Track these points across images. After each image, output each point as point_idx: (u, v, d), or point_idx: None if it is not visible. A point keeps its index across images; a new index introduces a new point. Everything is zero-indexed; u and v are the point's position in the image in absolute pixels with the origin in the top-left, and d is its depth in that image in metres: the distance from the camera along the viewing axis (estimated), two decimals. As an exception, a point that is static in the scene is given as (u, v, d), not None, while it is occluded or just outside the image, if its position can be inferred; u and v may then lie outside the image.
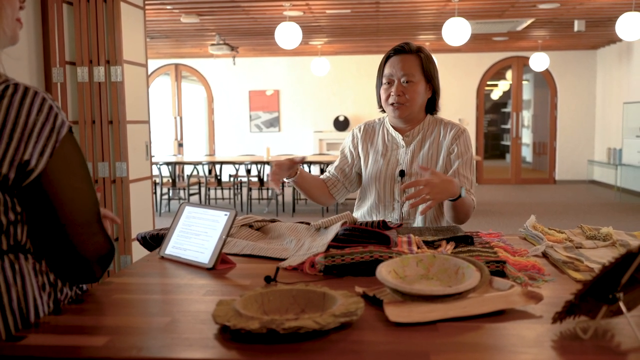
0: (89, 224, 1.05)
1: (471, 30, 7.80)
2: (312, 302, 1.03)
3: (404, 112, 1.95)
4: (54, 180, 1.00)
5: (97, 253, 1.07)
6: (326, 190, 2.10)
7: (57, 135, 1.01)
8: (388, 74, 1.95)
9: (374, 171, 2.02)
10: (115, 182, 4.27)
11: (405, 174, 1.98)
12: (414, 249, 1.35)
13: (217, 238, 1.35)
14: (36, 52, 4.13)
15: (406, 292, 1.00)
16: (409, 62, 1.93)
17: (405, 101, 1.93)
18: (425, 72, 1.94)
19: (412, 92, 1.93)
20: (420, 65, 1.94)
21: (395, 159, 2.01)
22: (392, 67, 1.94)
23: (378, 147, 2.05)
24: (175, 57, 11.78)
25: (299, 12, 7.16)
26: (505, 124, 16.30)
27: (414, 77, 1.92)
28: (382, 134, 2.07)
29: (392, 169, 2.00)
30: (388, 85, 1.95)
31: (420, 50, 1.96)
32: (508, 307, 1.01)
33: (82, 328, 0.96)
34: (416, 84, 1.93)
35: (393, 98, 1.93)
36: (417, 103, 1.95)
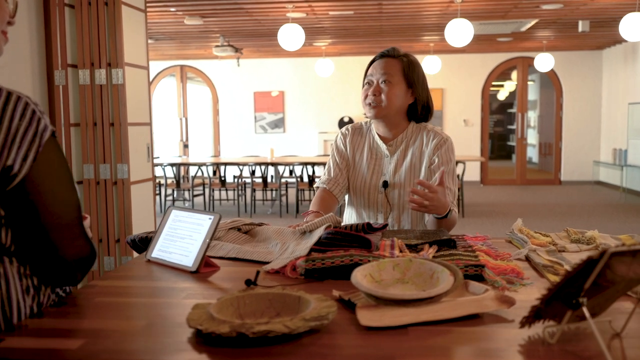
0: (70, 227, 1.07)
1: (475, 31, 7.81)
2: (288, 306, 1.04)
3: (379, 112, 1.95)
4: (37, 184, 1.02)
5: (78, 256, 1.09)
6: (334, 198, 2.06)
7: (40, 140, 1.02)
8: (369, 75, 1.98)
9: (359, 180, 2.03)
10: (116, 183, 4.30)
11: (388, 184, 1.98)
12: (395, 252, 1.36)
13: (201, 241, 1.37)
14: (39, 54, 4.17)
15: (379, 296, 1.01)
16: (390, 64, 1.95)
17: (380, 102, 1.93)
18: (406, 76, 1.95)
19: (389, 93, 1.93)
20: (401, 69, 1.95)
21: (379, 168, 2.01)
22: (374, 69, 1.97)
23: (364, 154, 2.06)
24: (180, 58, 11.83)
25: (302, 14, 7.18)
26: (512, 125, 16.26)
27: (392, 78, 1.93)
28: (368, 141, 2.07)
29: (376, 178, 2.01)
30: (368, 86, 1.97)
31: (405, 56, 1.98)
32: (480, 311, 1.02)
33: (60, 331, 0.98)
34: (394, 86, 1.93)
35: (370, 98, 1.95)
36: (393, 105, 1.94)
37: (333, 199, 2.04)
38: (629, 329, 0.95)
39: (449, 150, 1.96)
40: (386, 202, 1.99)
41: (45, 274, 1.08)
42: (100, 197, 4.32)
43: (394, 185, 1.98)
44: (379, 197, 2.00)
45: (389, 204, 1.99)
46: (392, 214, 1.99)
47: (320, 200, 2.01)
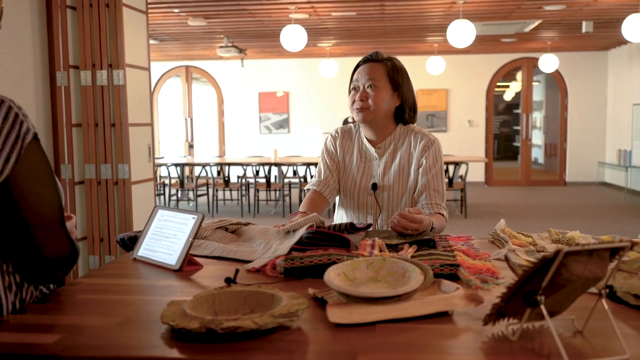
0: (51, 227, 1.10)
1: (478, 32, 7.82)
2: (262, 303, 1.07)
3: (367, 116, 1.97)
4: (19, 185, 1.05)
5: (60, 255, 1.12)
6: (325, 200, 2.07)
7: (22, 142, 1.06)
8: (355, 81, 2.01)
9: (349, 182, 2.05)
10: (117, 183, 4.34)
11: (377, 187, 2.01)
12: (375, 252, 1.39)
13: (184, 240, 1.40)
14: (41, 56, 4.23)
15: (349, 294, 1.04)
16: (375, 69, 1.98)
17: (368, 106, 1.96)
18: (391, 80, 1.98)
19: (375, 97, 1.96)
20: (385, 72, 1.98)
21: (368, 171, 2.04)
22: (359, 74, 2.00)
23: (353, 156, 2.09)
24: (185, 59, 11.89)
25: (304, 15, 7.21)
26: (518, 126, 16.22)
27: (378, 82, 1.96)
28: (357, 144, 2.10)
29: (365, 181, 2.03)
30: (354, 91, 2.01)
31: (388, 59, 2.01)
32: (448, 309, 1.04)
33: (39, 326, 1.01)
34: (380, 90, 1.96)
35: (357, 103, 1.98)
36: (381, 108, 1.97)
37: (323, 201, 2.06)
38: (591, 326, 0.97)
39: (436, 151, 1.99)
40: (375, 204, 2.01)
41: (28, 272, 1.11)
42: (102, 197, 4.37)
43: (383, 188, 2.00)
44: (368, 199, 2.02)
45: (379, 206, 2.01)
46: (382, 215, 2.01)
47: (310, 202, 2.04)
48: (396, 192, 2.00)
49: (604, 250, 0.88)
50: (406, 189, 2.00)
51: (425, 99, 11.60)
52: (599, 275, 0.89)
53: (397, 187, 2.00)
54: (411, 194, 2.00)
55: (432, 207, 1.93)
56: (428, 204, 1.94)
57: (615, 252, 0.91)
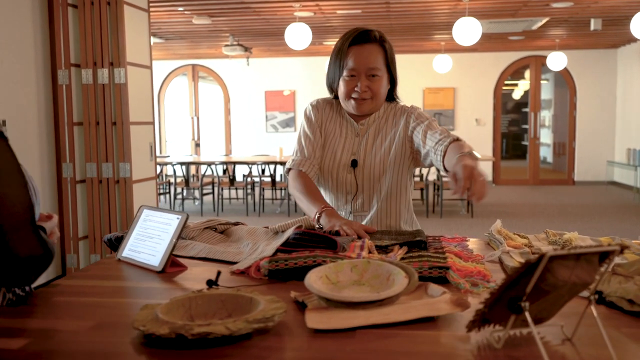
0: (19, 227, 1.06)
1: (484, 30, 7.75)
2: (240, 307, 1.03)
3: (368, 106, 1.87)
4: None
5: (31, 255, 1.08)
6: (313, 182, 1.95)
7: None
8: (351, 67, 1.82)
9: (327, 159, 1.92)
10: (118, 182, 4.32)
11: (357, 164, 1.89)
12: (363, 254, 1.35)
13: (168, 241, 1.36)
14: (43, 54, 4.21)
15: (328, 298, 1.00)
16: (374, 53, 1.83)
17: (370, 96, 1.84)
18: (389, 64, 1.87)
19: (378, 87, 1.84)
20: (384, 57, 1.85)
21: (349, 147, 1.92)
22: (356, 59, 1.81)
23: (335, 130, 1.96)
24: (192, 57, 11.88)
25: (309, 13, 7.17)
26: (526, 124, 16.11)
27: (379, 70, 1.83)
28: (339, 118, 1.97)
29: (345, 158, 1.91)
30: (351, 78, 1.84)
31: (382, 39, 1.86)
32: (432, 314, 1.00)
33: (8, 330, 0.98)
34: (381, 78, 1.85)
35: (357, 93, 1.84)
36: (381, 97, 1.88)
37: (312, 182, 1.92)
38: (582, 333, 0.92)
39: (420, 114, 1.90)
40: (355, 183, 1.89)
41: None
42: (103, 196, 4.35)
43: (364, 166, 1.88)
44: (347, 177, 1.90)
45: (357, 185, 1.89)
46: (362, 195, 1.89)
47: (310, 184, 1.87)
48: (377, 171, 1.88)
49: (592, 255, 0.84)
50: (387, 168, 1.88)
51: (432, 97, 11.53)
52: (587, 280, 0.84)
53: (378, 165, 1.87)
54: (393, 173, 1.88)
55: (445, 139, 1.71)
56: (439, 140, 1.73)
57: (606, 256, 0.86)
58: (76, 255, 4.39)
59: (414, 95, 11.34)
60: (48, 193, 4.32)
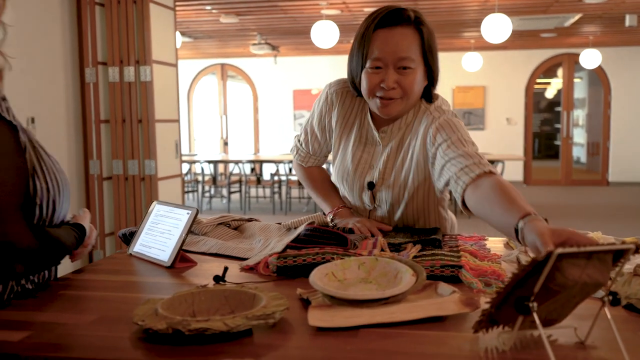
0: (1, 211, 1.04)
1: (515, 27, 7.60)
2: (243, 303, 1.01)
3: (395, 108, 1.50)
4: None
5: (10, 243, 1.05)
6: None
7: None
8: (377, 56, 1.45)
9: (341, 170, 1.67)
10: (144, 179, 4.36)
11: (375, 186, 1.60)
12: (375, 252, 1.32)
13: (178, 236, 1.35)
14: (71, 52, 4.27)
15: (332, 296, 0.97)
16: (407, 40, 1.44)
17: (399, 95, 1.47)
18: (426, 53, 1.48)
19: (410, 83, 1.46)
20: (419, 43, 1.46)
21: (367, 157, 1.62)
22: (383, 46, 1.44)
23: (352, 134, 1.63)
24: (220, 56, 11.96)
25: (336, 11, 7.14)
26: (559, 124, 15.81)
27: (412, 62, 1.45)
28: (359, 119, 1.62)
29: (361, 172, 1.62)
30: (376, 70, 1.46)
31: (419, 20, 1.47)
32: (439, 314, 0.96)
33: (10, 323, 0.98)
34: (414, 72, 1.46)
35: (383, 91, 1.46)
36: (413, 96, 1.50)
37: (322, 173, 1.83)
38: (595, 336, 0.88)
39: (442, 125, 1.48)
40: (373, 200, 1.64)
41: None
42: (129, 193, 4.39)
43: (383, 183, 1.59)
44: (364, 194, 1.64)
45: (375, 202, 1.64)
46: (381, 210, 1.64)
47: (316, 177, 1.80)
48: (399, 193, 1.58)
49: (605, 253, 0.79)
50: (410, 190, 1.57)
51: (462, 96, 11.38)
52: (600, 280, 0.80)
53: (401, 187, 1.58)
54: (419, 193, 1.57)
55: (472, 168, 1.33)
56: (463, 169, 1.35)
57: (620, 255, 0.81)
58: (102, 251, 4.44)
59: (443, 94, 11.05)
60: (75, 190, 4.38)
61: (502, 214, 1.13)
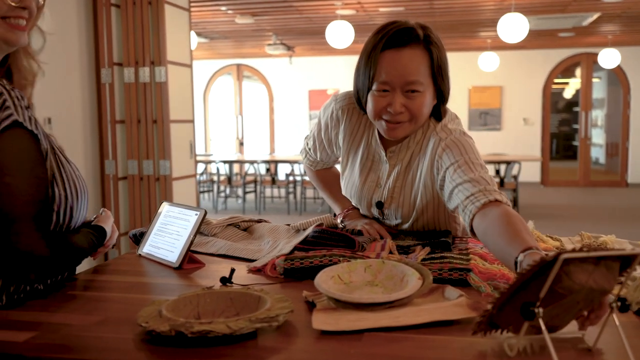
0: (19, 221, 1.05)
1: (532, 26, 7.53)
2: (248, 306, 1.01)
3: (403, 132, 1.45)
4: None
5: (27, 252, 1.06)
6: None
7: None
8: (384, 80, 1.39)
9: (350, 185, 1.64)
10: (158, 180, 4.39)
11: (383, 206, 1.57)
12: (382, 254, 1.30)
13: (186, 237, 1.35)
14: (87, 53, 4.31)
15: (337, 299, 0.97)
16: (415, 62, 1.38)
17: (407, 118, 1.42)
18: (435, 74, 1.42)
19: (418, 107, 1.40)
20: (429, 64, 1.40)
21: (374, 175, 1.58)
22: (391, 69, 1.38)
23: (358, 152, 1.60)
24: (236, 57, 12.00)
25: (351, 11, 7.12)
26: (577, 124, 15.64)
27: (421, 85, 1.39)
28: (367, 136, 1.58)
29: (369, 189, 1.59)
30: (383, 94, 1.41)
31: (428, 38, 1.40)
32: (445, 318, 0.95)
33: (17, 323, 0.99)
34: (423, 95, 1.40)
35: (389, 116, 1.41)
36: (422, 120, 1.45)
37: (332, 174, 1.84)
38: (604, 343, 0.86)
39: (449, 145, 1.42)
40: (382, 215, 1.61)
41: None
42: (144, 193, 4.42)
43: (392, 202, 1.56)
44: (373, 209, 1.61)
45: (384, 219, 1.62)
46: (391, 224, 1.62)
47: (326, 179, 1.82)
48: (407, 212, 1.55)
49: (613, 260, 0.77)
50: (419, 210, 1.53)
51: (478, 96, 11.30)
52: (606, 287, 0.78)
53: (409, 207, 1.54)
54: (429, 212, 1.53)
55: (479, 197, 1.29)
56: (470, 197, 1.30)
57: (629, 261, 0.80)
58: (118, 251, 4.47)
59: (459, 94, 11.14)
60: (91, 189, 4.42)
61: (504, 246, 1.11)
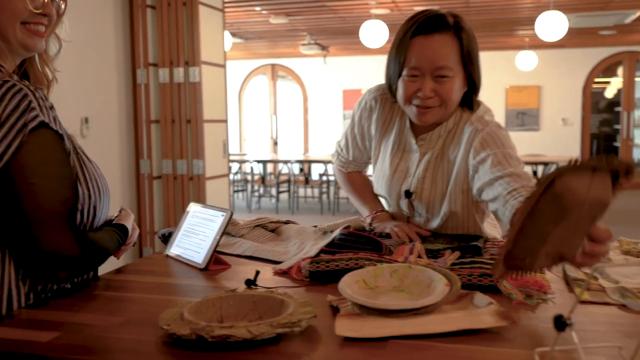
0: (47, 220, 1.05)
1: (571, 24, 7.35)
2: (271, 309, 0.99)
3: (433, 116, 1.46)
4: (19, 172, 1.02)
5: (55, 251, 1.06)
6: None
7: (25, 129, 1.03)
8: (414, 65, 1.41)
9: (380, 176, 1.63)
10: (192, 179, 4.43)
11: (412, 194, 1.56)
12: (410, 258, 1.27)
13: (212, 238, 1.35)
14: (124, 54, 4.38)
15: (361, 304, 0.94)
16: (445, 46, 1.40)
17: (437, 103, 1.43)
18: (465, 59, 1.42)
19: (448, 91, 1.42)
20: (458, 50, 1.41)
21: (404, 165, 1.58)
22: (420, 54, 1.40)
23: (390, 140, 1.60)
24: (271, 57, 12.04)
25: (386, 10, 7.07)
26: (619, 124, 15.21)
27: (450, 70, 1.40)
28: (398, 125, 1.59)
29: (398, 179, 1.59)
30: (413, 79, 1.43)
31: (459, 25, 1.42)
32: (474, 326, 0.92)
33: (42, 323, 0.99)
34: (453, 80, 1.41)
35: (419, 100, 1.43)
36: (452, 105, 1.46)
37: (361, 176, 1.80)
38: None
39: (485, 138, 1.42)
40: (411, 208, 1.60)
41: (26, 265, 1.08)
42: (177, 192, 4.47)
43: (422, 193, 1.55)
44: (402, 202, 1.60)
45: (413, 209, 1.60)
46: (420, 217, 1.61)
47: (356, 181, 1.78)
48: (436, 203, 1.54)
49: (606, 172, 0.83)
50: (448, 200, 1.52)
51: (515, 96, 11.09)
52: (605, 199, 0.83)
53: (438, 198, 1.54)
54: (457, 203, 1.52)
55: (521, 192, 1.27)
56: (512, 191, 1.29)
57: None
58: (152, 249, 4.53)
59: (496, 94, 10.96)
60: (127, 189, 4.48)
61: None
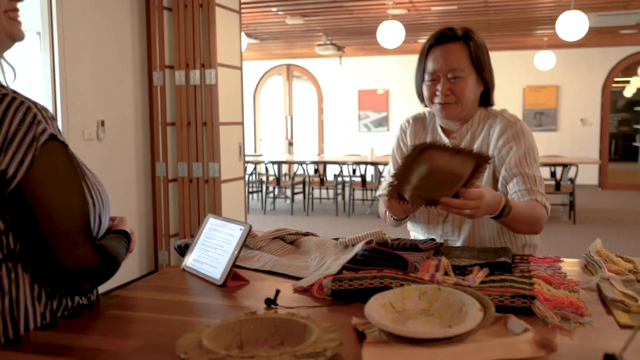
0: (70, 235, 1.02)
1: (592, 24, 7.21)
2: (293, 334, 0.94)
3: (453, 111, 1.71)
4: (33, 189, 0.99)
5: (80, 265, 1.04)
6: None
7: (36, 144, 0.99)
8: (431, 70, 1.71)
9: None
10: (208, 182, 4.39)
11: None
12: (437, 275, 1.22)
13: (230, 253, 1.30)
14: (140, 56, 4.36)
15: (389, 332, 0.89)
16: (455, 53, 1.69)
17: (454, 100, 1.69)
18: (475, 63, 1.70)
19: (462, 89, 1.68)
20: (468, 55, 1.69)
21: None
22: (436, 61, 1.70)
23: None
24: (286, 57, 12.01)
25: (403, 10, 6.99)
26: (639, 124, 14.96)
27: (462, 71, 1.68)
28: (431, 134, 1.85)
29: None
30: (432, 82, 1.72)
31: (468, 35, 1.71)
32: (510, 357, 0.86)
33: (55, 348, 0.95)
34: (465, 79, 1.68)
35: (439, 98, 1.70)
36: (468, 101, 1.71)
37: None
38: None
39: (518, 132, 1.69)
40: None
41: (48, 282, 1.06)
42: (193, 195, 4.44)
43: None
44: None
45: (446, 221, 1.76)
46: (451, 221, 1.74)
47: None
48: None
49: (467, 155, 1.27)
50: None
51: (533, 96, 10.95)
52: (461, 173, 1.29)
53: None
54: None
55: (524, 194, 1.61)
56: (518, 192, 1.63)
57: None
58: (167, 252, 4.51)
59: (514, 94, 10.83)
60: (143, 191, 4.46)
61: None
